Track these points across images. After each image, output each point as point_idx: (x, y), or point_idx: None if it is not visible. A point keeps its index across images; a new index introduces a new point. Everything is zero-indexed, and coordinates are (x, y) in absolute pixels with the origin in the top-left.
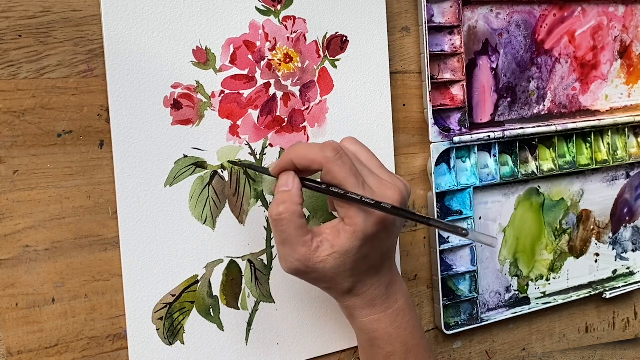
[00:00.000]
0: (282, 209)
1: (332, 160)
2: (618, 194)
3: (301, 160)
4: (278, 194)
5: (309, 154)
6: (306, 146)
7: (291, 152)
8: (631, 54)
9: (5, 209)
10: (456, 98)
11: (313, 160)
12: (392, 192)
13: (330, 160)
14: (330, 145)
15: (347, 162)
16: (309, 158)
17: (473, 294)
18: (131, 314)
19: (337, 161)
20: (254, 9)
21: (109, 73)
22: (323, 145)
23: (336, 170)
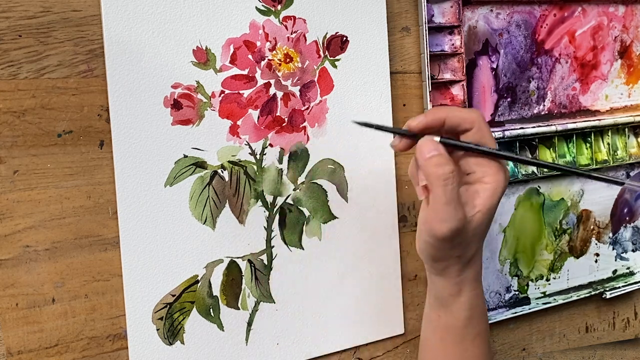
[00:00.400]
0: (449, 167)
1: (482, 119)
2: (618, 194)
3: (454, 119)
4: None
5: (462, 113)
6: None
7: (443, 110)
8: (631, 54)
9: (5, 209)
10: (456, 98)
11: (465, 119)
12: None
13: (481, 120)
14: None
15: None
16: (463, 117)
17: None
18: (131, 314)
19: (485, 121)
20: (254, 9)
21: (109, 73)
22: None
23: (487, 130)
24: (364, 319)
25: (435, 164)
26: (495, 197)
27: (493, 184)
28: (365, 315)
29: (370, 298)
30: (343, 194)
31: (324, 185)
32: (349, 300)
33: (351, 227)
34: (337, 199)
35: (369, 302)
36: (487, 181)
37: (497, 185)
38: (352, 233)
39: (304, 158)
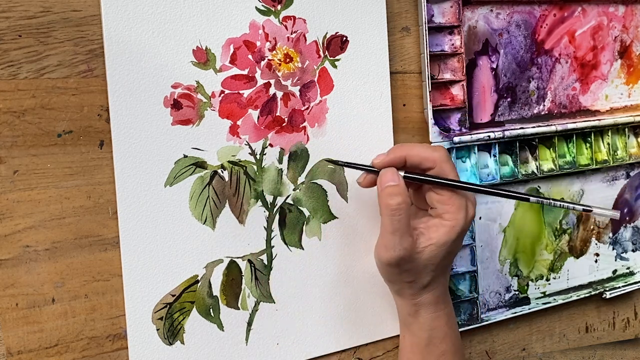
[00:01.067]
0: (400, 199)
1: (445, 160)
2: (618, 194)
3: (415, 158)
4: (388, 187)
5: (423, 152)
6: (419, 145)
7: (405, 149)
8: (631, 54)
9: (5, 209)
10: (456, 98)
11: (427, 159)
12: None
13: (443, 160)
14: (441, 147)
15: (453, 164)
16: (423, 156)
17: (473, 294)
18: (131, 314)
19: (448, 161)
20: (254, 9)
21: (109, 73)
22: (434, 146)
23: (448, 169)
24: (364, 319)
25: (388, 193)
26: (451, 235)
27: (452, 221)
28: (366, 315)
29: (371, 298)
30: (343, 194)
31: (323, 185)
32: (349, 300)
33: (351, 227)
34: (337, 199)
35: (369, 302)
36: (446, 218)
37: (455, 223)
38: (352, 233)
39: (303, 158)
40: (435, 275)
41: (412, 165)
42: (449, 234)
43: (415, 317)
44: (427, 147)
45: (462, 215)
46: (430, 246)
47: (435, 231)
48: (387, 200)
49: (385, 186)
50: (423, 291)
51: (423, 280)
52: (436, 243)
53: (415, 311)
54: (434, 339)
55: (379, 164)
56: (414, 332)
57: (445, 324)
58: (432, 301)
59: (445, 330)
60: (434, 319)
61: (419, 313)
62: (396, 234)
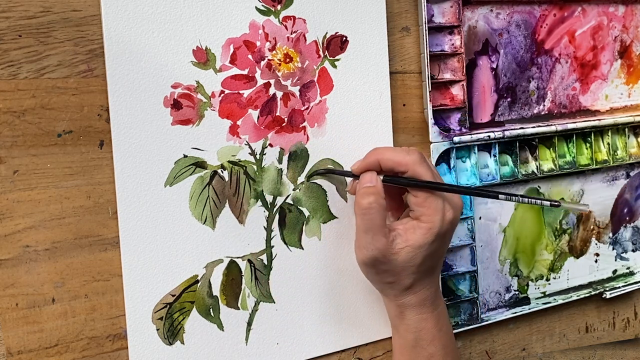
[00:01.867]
0: (372, 199)
1: (418, 163)
2: (618, 194)
3: (387, 162)
4: (363, 188)
5: (396, 157)
6: (392, 150)
7: (377, 153)
8: (631, 54)
9: (5, 209)
10: (456, 98)
11: (399, 163)
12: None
13: (416, 163)
14: (415, 150)
15: (430, 166)
16: (396, 161)
17: (473, 294)
18: (131, 314)
19: (422, 164)
20: (254, 9)
21: (109, 73)
22: (408, 149)
23: (422, 172)
24: (364, 319)
25: (362, 193)
26: (427, 237)
27: (428, 224)
28: (366, 315)
29: (371, 298)
30: (343, 194)
31: (323, 185)
32: (349, 300)
33: (351, 227)
34: (337, 199)
35: (369, 301)
36: (423, 220)
37: (431, 225)
38: (352, 233)
39: (303, 158)
40: (417, 278)
41: (386, 169)
42: (425, 236)
43: (401, 319)
44: (400, 150)
45: (439, 217)
46: (407, 247)
47: (412, 233)
48: (360, 200)
49: (362, 186)
50: (406, 292)
51: (404, 281)
52: (412, 245)
53: (400, 312)
54: (421, 340)
55: (356, 169)
56: (401, 333)
57: (434, 326)
58: (417, 303)
59: (434, 333)
60: (420, 320)
61: (404, 314)
62: (368, 233)
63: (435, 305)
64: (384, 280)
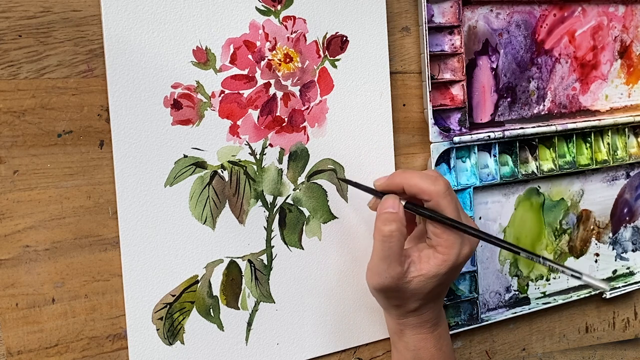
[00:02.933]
0: (394, 227)
1: (442, 195)
2: (618, 194)
3: (412, 188)
4: (385, 214)
5: (421, 184)
6: (419, 175)
7: (403, 177)
8: (631, 54)
9: (5, 209)
10: (456, 98)
11: (424, 191)
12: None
13: (440, 195)
14: (442, 180)
15: (454, 198)
16: (421, 188)
17: (473, 294)
18: (131, 314)
19: (447, 196)
20: (254, 9)
21: (109, 73)
22: (435, 178)
23: (445, 205)
24: (364, 319)
25: (384, 219)
26: (441, 268)
27: (444, 255)
28: (366, 315)
29: (371, 298)
30: (343, 194)
31: (323, 185)
32: (349, 300)
33: (351, 227)
34: (337, 199)
35: (369, 301)
36: (439, 251)
37: (447, 257)
38: (352, 233)
39: (303, 158)
40: (423, 303)
41: (410, 194)
42: (439, 267)
43: (400, 336)
44: (427, 178)
45: (455, 251)
46: (420, 277)
47: (427, 262)
48: (381, 226)
49: (384, 211)
50: (409, 314)
51: (410, 306)
52: (426, 274)
53: (400, 330)
54: (419, 359)
55: (379, 186)
56: (400, 350)
57: (433, 346)
58: (418, 324)
59: (432, 352)
60: (419, 340)
61: (404, 333)
62: (385, 261)
63: (437, 326)
64: (391, 304)
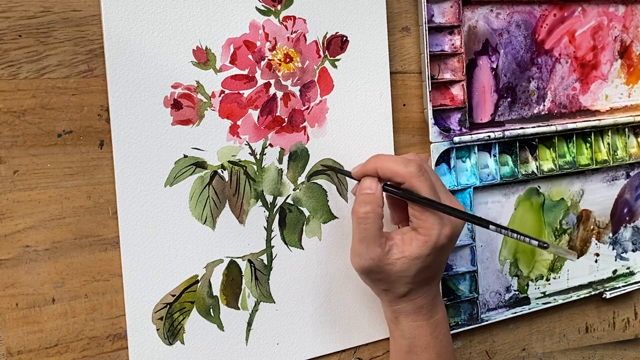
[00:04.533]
0: (368, 208)
1: (415, 175)
2: (618, 194)
3: (385, 172)
4: (362, 195)
5: (394, 167)
6: (392, 159)
7: (377, 161)
8: (631, 54)
9: (5, 209)
10: (456, 98)
11: (397, 174)
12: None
13: (413, 176)
14: (414, 162)
15: (427, 179)
16: (393, 171)
17: (473, 294)
18: (131, 314)
19: (420, 177)
20: (254, 9)
21: (109, 73)
22: (408, 160)
23: (418, 185)
24: (364, 319)
25: (360, 201)
26: (423, 249)
27: (425, 236)
28: (366, 315)
29: (371, 298)
30: (343, 194)
31: (323, 186)
32: (349, 300)
33: (351, 227)
34: (337, 199)
35: (369, 301)
36: (420, 232)
37: (428, 238)
38: (352, 233)
39: (303, 158)
40: (413, 287)
41: (385, 178)
42: (421, 248)
43: (396, 324)
44: (400, 161)
45: (436, 232)
46: (402, 259)
47: (409, 244)
48: (357, 208)
49: (360, 193)
50: (401, 300)
51: (398, 290)
52: (408, 256)
53: (395, 317)
54: (414, 347)
55: (356, 173)
56: (396, 338)
57: (430, 334)
58: (412, 310)
59: (429, 340)
60: (415, 327)
61: (399, 320)
62: (363, 241)
63: (433, 313)
64: (379, 287)
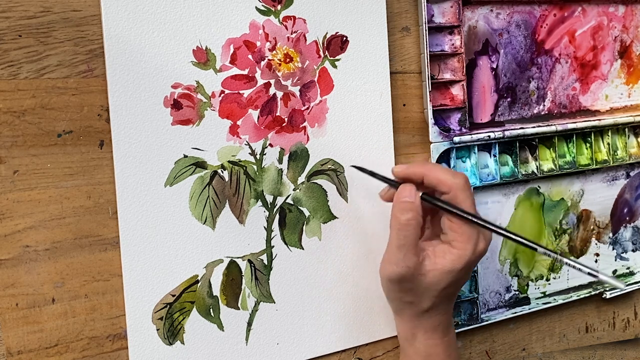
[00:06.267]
0: (410, 215)
1: (462, 188)
2: (618, 194)
3: (432, 180)
4: (402, 202)
5: (442, 175)
6: (440, 167)
7: (425, 167)
8: (631, 54)
9: (5, 209)
10: (456, 98)
11: (444, 183)
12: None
13: (459, 188)
14: (462, 175)
15: (472, 194)
16: (440, 179)
17: (473, 294)
18: (131, 314)
19: (465, 190)
20: (254, 9)
21: (109, 73)
22: (455, 172)
23: (463, 198)
24: (364, 319)
25: (401, 208)
26: (456, 264)
27: (460, 250)
28: (366, 315)
29: (371, 298)
30: (343, 194)
31: (323, 186)
32: (349, 300)
33: (351, 227)
34: (337, 199)
35: (369, 301)
36: (454, 246)
37: (462, 253)
38: (352, 233)
39: (303, 158)
40: (437, 302)
41: (429, 185)
42: (455, 262)
43: (412, 342)
44: (448, 171)
45: (471, 247)
46: (434, 271)
47: (442, 257)
48: (398, 214)
49: (401, 200)
50: (422, 315)
51: (423, 303)
52: (441, 269)
53: (412, 335)
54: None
55: (398, 172)
56: (409, 355)
57: (443, 352)
58: (430, 327)
59: (443, 359)
60: (431, 346)
61: (416, 337)
62: (401, 249)
63: (447, 332)
64: (405, 299)
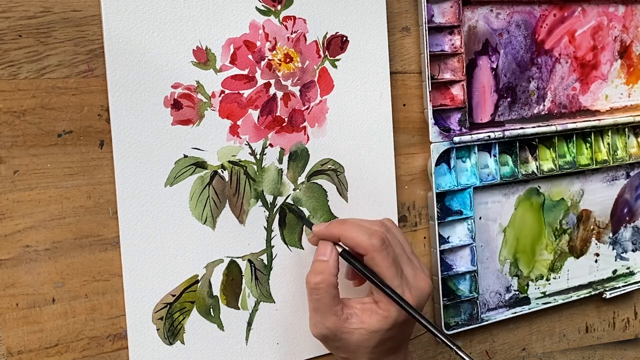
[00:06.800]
0: (319, 279)
1: (378, 249)
2: (618, 194)
3: (348, 241)
4: (316, 262)
5: (357, 237)
6: (356, 228)
7: (341, 229)
8: (631, 54)
9: (5, 209)
10: (456, 98)
11: (359, 245)
12: (424, 283)
13: (376, 249)
14: (378, 234)
15: (390, 253)
16: (356, 242)
17: (473, 294)
18: (131, 314)
19: (382, 251)
20: (254, 9)
21: (109, 73)
22: (372, 231)
23: (380, 260)
24: None
25: (312, 269)
26: (383, 324)
27: (385, 312)
28: None
29: None
30: (343, 194)
31: (323, 185)
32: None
33: None
34: (337, 199)
35: None
36: (380, 307)
37: (388, 314)
38: None
39: (303, 158)
40: (375, 357)
41: (347, 246)
42: (381, 323)
43: None
44: (364, 232)
45: (396, 309)
46: (361, 330)
47: (369, 316)
48: (309, 277)
49: (317, 259)
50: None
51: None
52: (367, 328)
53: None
54: None
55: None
56: None
57: None
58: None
59: None
60: None
61: None
62: (317, 312)
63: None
64: (340, 355)
